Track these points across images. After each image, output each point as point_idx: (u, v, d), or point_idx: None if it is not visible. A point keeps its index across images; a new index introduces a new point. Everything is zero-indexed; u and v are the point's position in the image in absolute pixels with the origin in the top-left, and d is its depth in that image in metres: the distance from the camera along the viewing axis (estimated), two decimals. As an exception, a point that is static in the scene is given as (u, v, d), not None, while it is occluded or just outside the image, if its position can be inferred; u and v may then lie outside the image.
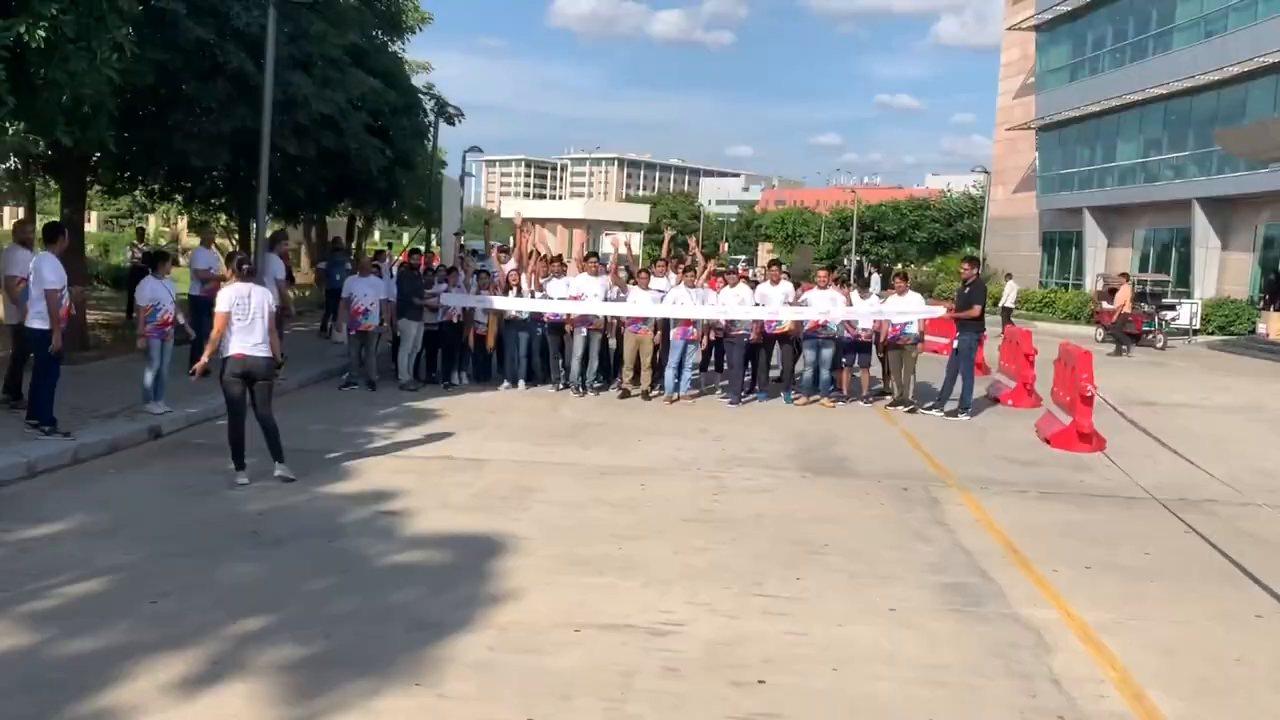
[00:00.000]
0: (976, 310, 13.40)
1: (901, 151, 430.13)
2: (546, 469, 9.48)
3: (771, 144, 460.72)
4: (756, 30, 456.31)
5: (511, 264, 14.87)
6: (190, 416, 10.88)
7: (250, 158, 14.72)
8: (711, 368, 15.29)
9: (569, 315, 14.07)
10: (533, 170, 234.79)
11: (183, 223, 43.61)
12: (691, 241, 17.10)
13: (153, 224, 47.35)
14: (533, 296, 14.36)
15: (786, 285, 14.34)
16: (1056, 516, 8.55)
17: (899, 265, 69.43)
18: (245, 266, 8.56)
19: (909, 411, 13.73)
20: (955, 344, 13.71)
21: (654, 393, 14.14)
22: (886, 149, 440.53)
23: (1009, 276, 34.27)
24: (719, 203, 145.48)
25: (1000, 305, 30.10)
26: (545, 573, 6.48)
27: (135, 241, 20.36)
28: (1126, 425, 11.51)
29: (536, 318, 14.44)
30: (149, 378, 10.65)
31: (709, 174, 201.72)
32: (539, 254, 14.92)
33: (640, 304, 13.95)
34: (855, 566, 6.89)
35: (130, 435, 9.97)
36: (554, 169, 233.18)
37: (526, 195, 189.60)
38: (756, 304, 14.24)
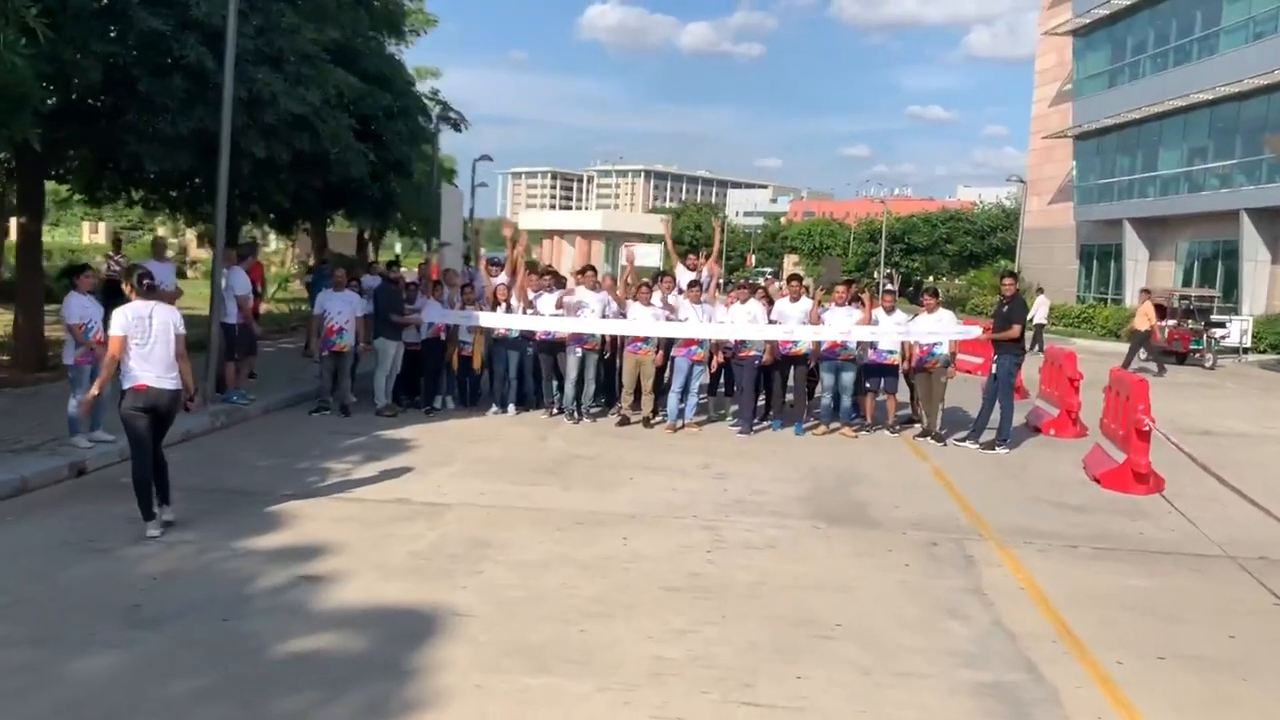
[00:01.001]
0: (1016, 331, 11.96)
1: (932, 163, 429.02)
2: (514, 516, 8.15)
3: (800, 156, 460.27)
4: (786, 42, 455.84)
5: (502, 277, 13.59)
6: (125, 450, 9.59)
7: (238, 163, 13.56)
8: (721, 391, 13.91)
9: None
10: (559, 182, 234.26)
11: (192, 233, 42.66)
12: (715, 224, 15.66)
13: (161, 233, 46.43)
14: (524, 312, 13.11)
15: (807, 302, 12.95)
16: (1115, 581, 7.14)
17: (930, 279, 67.88)
18: (145, 281, 7.28)
19: (938, 443, 12.33)
20: (993, 367, 12.28)
21: (655, 420, 12.81)
22: (917, 161, 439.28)
23: (1040, 291, 32.67)
24: (747, 214, 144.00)
25: (1033, 322, 28.50)
26: (478, 669, 5.15)
27: (110, 254, 19.27)
28: (1184, 460, 9.99)
29: (528, 336, 13.16)
30: (73, 405, 9.42)
31: (736, 185, 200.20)
32: (527, 266, 13.62)
33: (640, 321, 12.63)
34: (870, 658, 5.51)
35: (46, 473, 8.74)
36: (580, 181, 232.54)
37: (552, 207, 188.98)
38: (773, 321, 12.89)
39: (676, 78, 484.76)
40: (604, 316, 12.83)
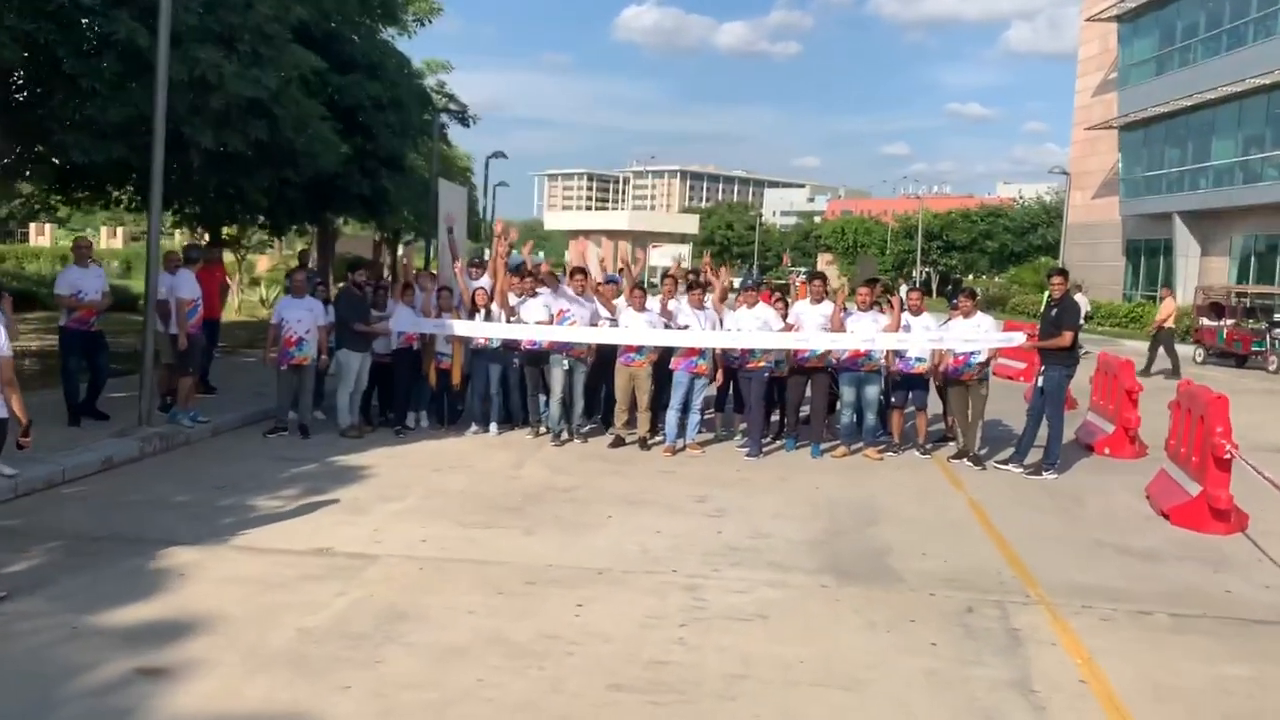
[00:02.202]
0: (1067, 338, 10.30)
1: (972, 160, 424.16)
2: (453, 573, 6.66)
3: (839, 154, 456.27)
4: (823, 40, 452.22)
5: (484, 280, 12.12)
6: (18, 484, 8.26)
7: (186, 154, 12.27)
8: (730, 407, 12.32)
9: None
10: (595, 183, 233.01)
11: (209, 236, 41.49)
12: (704, 265, 13.73)
13: (178, 240, 45.39)
14: (507, 320, 11.67)
15: (828, 306, 11.36)
16: (1206, 670, 5.52)
17: (969, 278, 65.88)
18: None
19: (976, 467, 10.73)
20: (1040, 380, 10.64)
21: (654, 440, 11.30)
22: (956, 158, 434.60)
23: (1079, 288, 30.67)
24: (784, 214, 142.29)
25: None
26: (317, 834, 3.67)
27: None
28: (1263, 486, 8.29)
29: (511, 346, 11.71)
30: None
31: (773, 185, 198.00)
32: (511, 269, 12.12)
33: (633, 330, 11.11)
34: (878, 807, 3.97)
35: (-89, 516, 7.39)
36: (616, 182, 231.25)
37: (588, 208, 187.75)
38: (790, 325, 11.34)
39: (713, 78, 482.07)
40: (592, 325, 11.37)
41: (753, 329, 11.14)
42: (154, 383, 10.50)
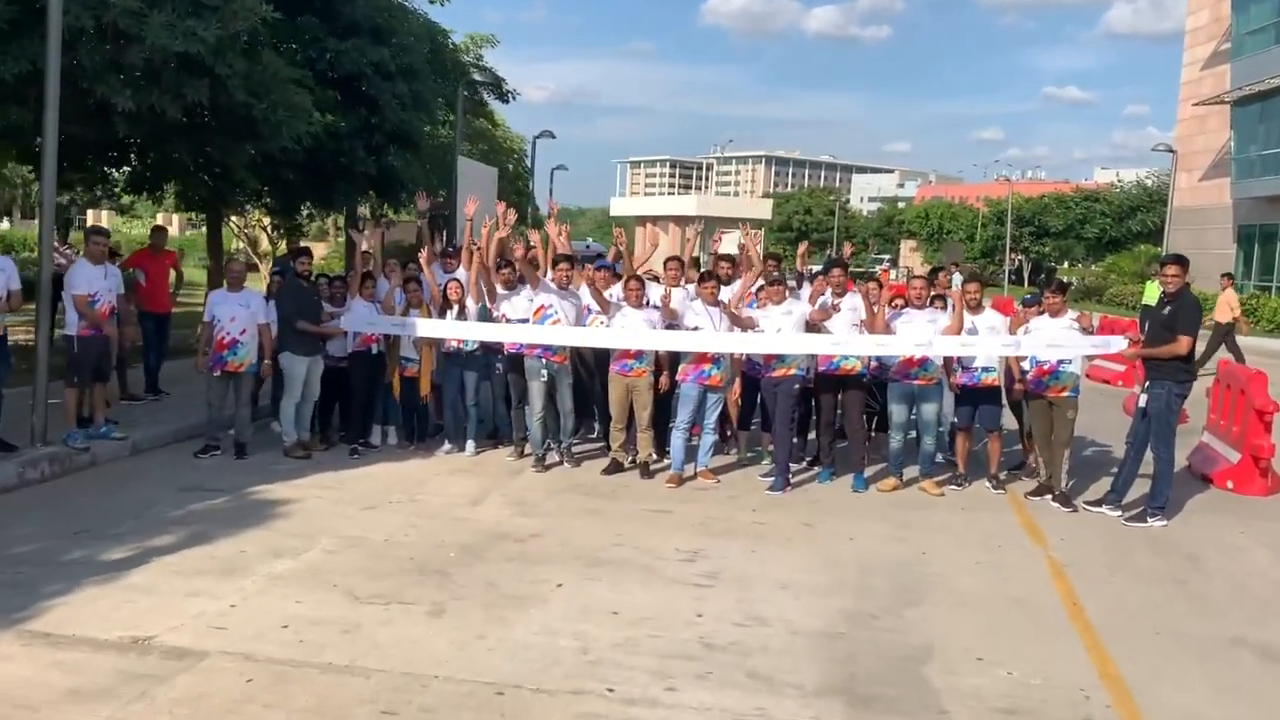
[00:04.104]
0: (1184, 344, 7.89)
1: (1069, 146, 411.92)
2: (289, 688, 4.67)
3: (930, 140, 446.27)
4: (915, 24, 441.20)
5: (460, 272, 10.13)
6: None
7: (159, 133, 10.64)
8: (756, 424, 10.14)
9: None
10: (678, 170, 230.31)
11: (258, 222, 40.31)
12: (746, 237, 10.90)
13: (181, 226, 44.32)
14: (489, 316, 9.72)
15: (856, 299, 9.13)
16: None
17: (1064, 265, 62.26)
18: None
19: (1063, 508, 8.44)
20: (1143, 399, 8.29)
21: (657, 465, 9.23)
22: (1052, 143, 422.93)
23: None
24: (871, 200, 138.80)
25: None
26: None
27: (58, 245, 16.62)
28: None
29: (492, 349, 9.75)
30: None
31: (861, 170, 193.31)
32: (486, 256, 10.06)
33: (630, 331, 9.03)
34: None
35: None
36: (699, 168, 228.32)
37: (671, 195, 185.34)
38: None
39: (802, 63, 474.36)
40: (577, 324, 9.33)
41: (788, 330, 8.94)
42: (45, 393, 8.70)
